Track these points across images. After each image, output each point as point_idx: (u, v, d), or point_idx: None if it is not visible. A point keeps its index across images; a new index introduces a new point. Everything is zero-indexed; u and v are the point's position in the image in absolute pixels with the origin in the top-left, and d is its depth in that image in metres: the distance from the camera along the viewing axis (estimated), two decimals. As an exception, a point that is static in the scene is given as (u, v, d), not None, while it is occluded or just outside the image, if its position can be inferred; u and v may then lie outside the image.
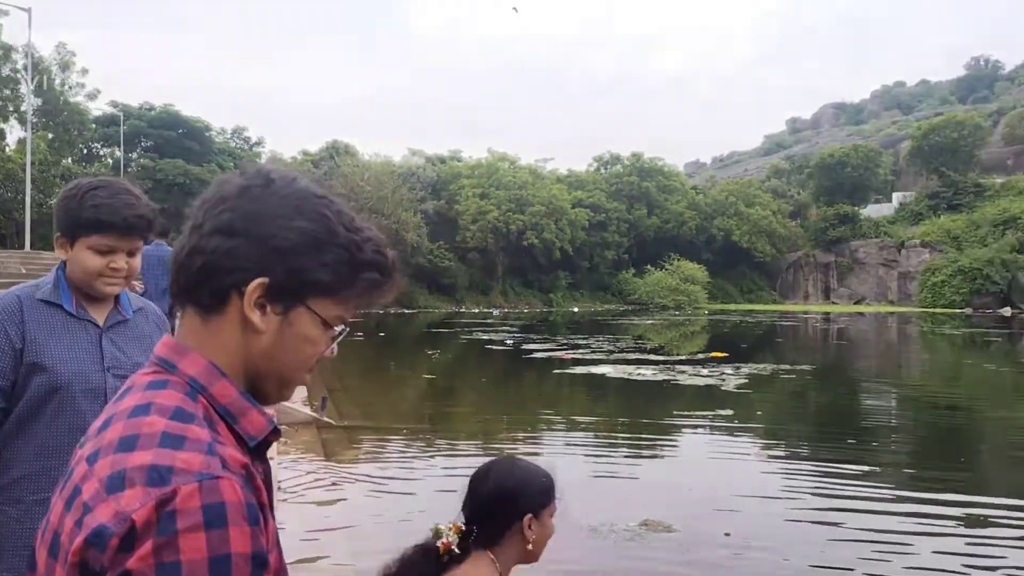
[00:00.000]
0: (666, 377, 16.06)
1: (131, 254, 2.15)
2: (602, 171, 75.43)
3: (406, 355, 23.08)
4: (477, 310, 54.83)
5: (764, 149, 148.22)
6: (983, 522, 6.65)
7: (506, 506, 1.95)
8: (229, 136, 64.94)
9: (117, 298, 2.23)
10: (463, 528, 1.94)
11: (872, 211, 74.88)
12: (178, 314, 1.05)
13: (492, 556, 1.93)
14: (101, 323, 2.18)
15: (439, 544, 1.89)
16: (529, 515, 1.96)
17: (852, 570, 5.42)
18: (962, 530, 6.43)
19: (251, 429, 0.99)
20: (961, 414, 13.71)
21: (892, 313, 55.85)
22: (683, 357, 20.97)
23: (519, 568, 2.03)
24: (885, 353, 27.60)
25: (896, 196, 77.36)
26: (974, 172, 72.73)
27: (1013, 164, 78.50)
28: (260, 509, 0.90)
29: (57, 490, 0.94)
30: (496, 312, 52.39)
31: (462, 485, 2.07)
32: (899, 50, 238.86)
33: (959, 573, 5.43)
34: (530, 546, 1.97)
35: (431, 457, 8.87)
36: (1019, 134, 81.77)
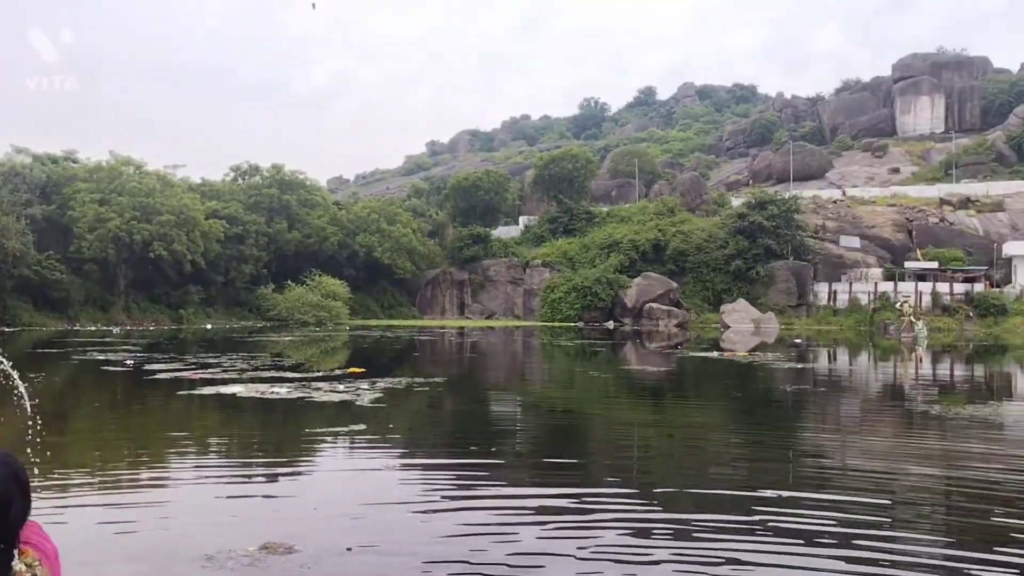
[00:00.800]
0: (301, 394, 15.71)
1: None
2: (240, 182, 72.50)
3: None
4: (94, 328, 49.48)
5: (406, 169, 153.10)
6: (589, 507, 7.32)
7: None
8: None
9: None
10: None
11: (502, 232, 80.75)
12: None
13: None
14: None
15: None
16: None
17: (465, 562, 5.62)
18: (569, 516, 7.00)
19: None
20: (573, 415, 15.15)
21: (518, 327, 60.62)
22: (321, 374, 20.72)
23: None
24: (511, 363, 29.75)
25: (522, 219, 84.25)
26: (586, 200, 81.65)
27: (616, 194, 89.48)
28: None
29: None
30: (117, 330, 47.74)
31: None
32: (526, 85, 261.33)
33: (563, 555, 5.86)
34: None
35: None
36: (620, 168, 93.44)
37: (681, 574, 5.67)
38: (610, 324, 61.30)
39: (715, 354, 30.76)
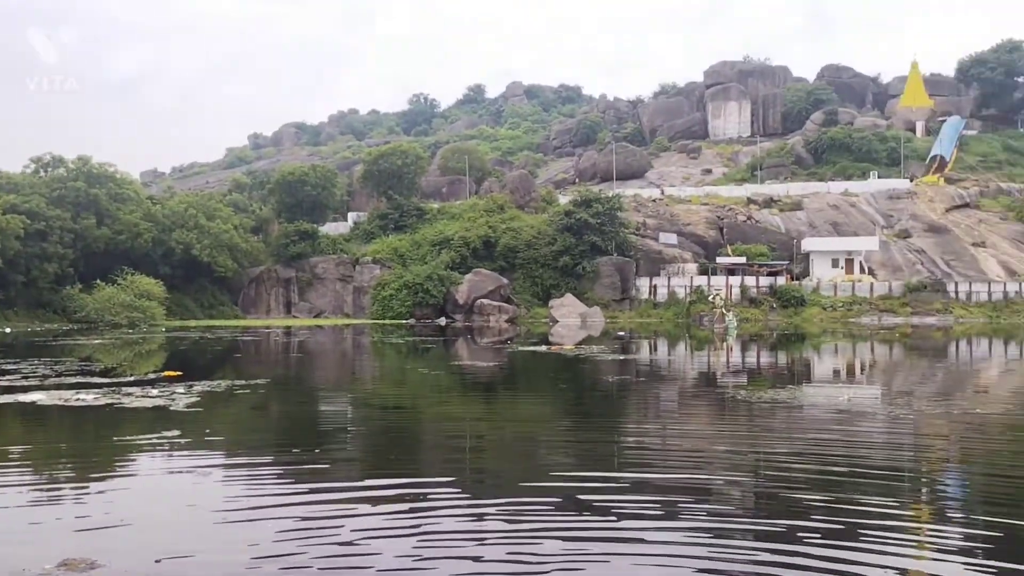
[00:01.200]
0: (110, 401, 14.65)
1: None
2: (42, 174, 67.00)
3: None
4: None
5: (226, 162, 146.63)
6: (420, 501, 7.23)
7: None
8: None
9: None
10: None
11: (330, 229, 79.04)
12: None
13: None
14: None
15: None
16: None
17: (286, 567, 5.40)
18: (398, 510, 6.88)
19: None
20: (404, 412, 15.00)
21: (348, 325, 59.50)
22: (133, 378, 19.43)
23: None
24: (341, 363, 29.14)
25: (351, 215, 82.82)
26: (416, 197, 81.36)
27: (447, 191, 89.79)
28: None
29: None
30: None
31: None
32: (354, 78, 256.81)
33: (389, 550, 5.75)
34: None
35: None
36: (451, 165, 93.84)
37: (511, 555, 5.70)
38: (442, 321, 61.47)
39: (544, 348, 31.46)
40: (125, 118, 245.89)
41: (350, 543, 6.06)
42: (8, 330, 50.59)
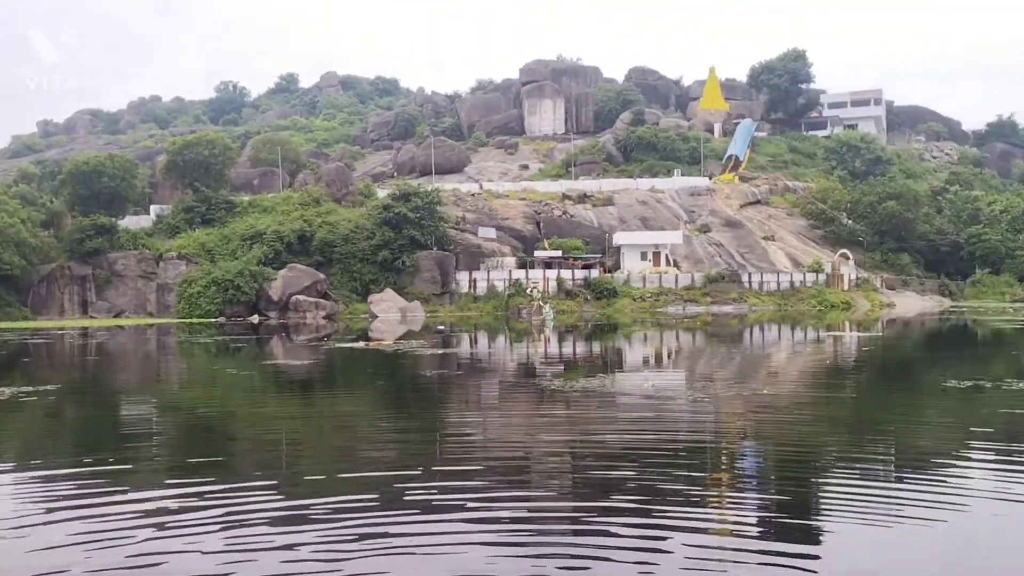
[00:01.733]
0: None
1: None
2: None
3: None
4: None
5: (12, 151, 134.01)
6: (231, 502, 6.90)
7: None
8: None
9: None
10: None
11: (131, 222, 73.97)
12: None
13: None
14: None
15: None
16: None
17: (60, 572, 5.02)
18: (208, 512, 6.54)
19: None
20: (215, 415, 14.30)
21: (152, 325, 56.04)
22: (-102, 387, 17.35)
23: None
24: (144, 365, 27.42)
25: (154, 208, 77.95)
26: (225, 189, 77.71)
27: (259, 184, 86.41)
28: None
29: None
30: None
31: None
32: (157, 65, 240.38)
33: (195, 552, 5.46)
34: None
35: None
36: (262, 156, 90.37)
37: (321, 554, 5.57)
38: (254, 318, 59.22)
39: (362, 344, 31.03)
40: None
41: (144, 554, 5.70)
42: None
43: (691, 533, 6.03)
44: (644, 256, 68.40)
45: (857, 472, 8.28)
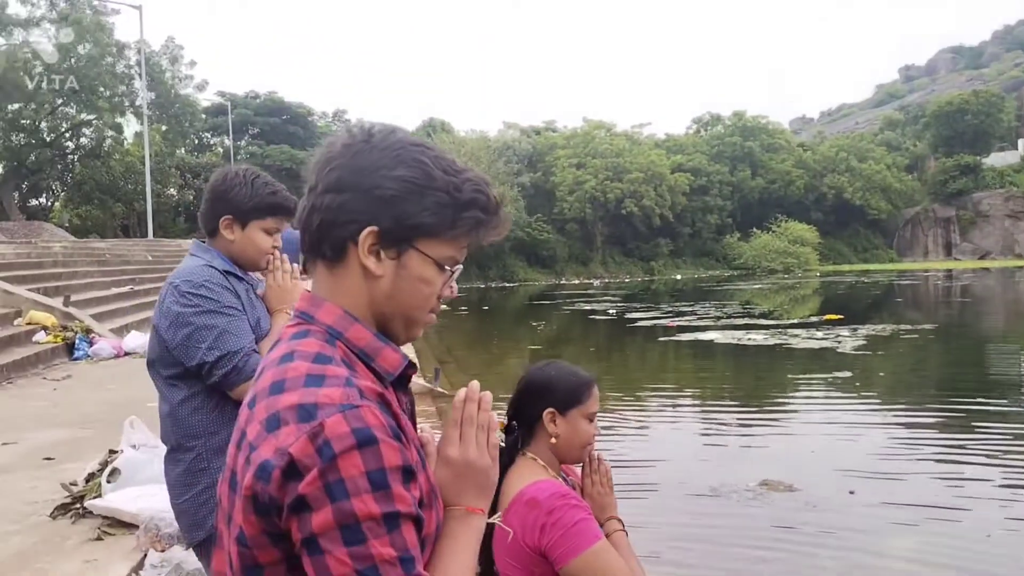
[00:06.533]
0: (778, 341, 15.56)
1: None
2: (702, 133, 73.59)
3: (510, 327, 23.17)
4: (577, 281, 54.58)
5: (876, 100, 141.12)
6: None
7: (532, 400, 1.99)
8: (330, 119, 66.34)
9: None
10: (504, 423, 1.96)
11: (996, 160, 70.45)
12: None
13: (531, 455, 1.98)
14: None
15: None
16: (551, 410, 1.99)
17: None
18: None
19: (387, 366, 1.10)
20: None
21: (1021, 268, 52.61)
22: (795, 321, 20.30)
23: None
24: (1013, 310, 26.03)
25: (1022, 143, 72.56)
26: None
27: None
28: (401, 430, 1.02)
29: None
30: (597, 283, 52.01)
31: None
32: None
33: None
34: (554, 440, 1.99)
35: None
36: None
37: None
38: None
39: None
40: (773, 68, 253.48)
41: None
42: (679, 277, 57.27)
43: None
44: None
45: None
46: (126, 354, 11.28)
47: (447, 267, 1.11)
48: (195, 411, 2.23)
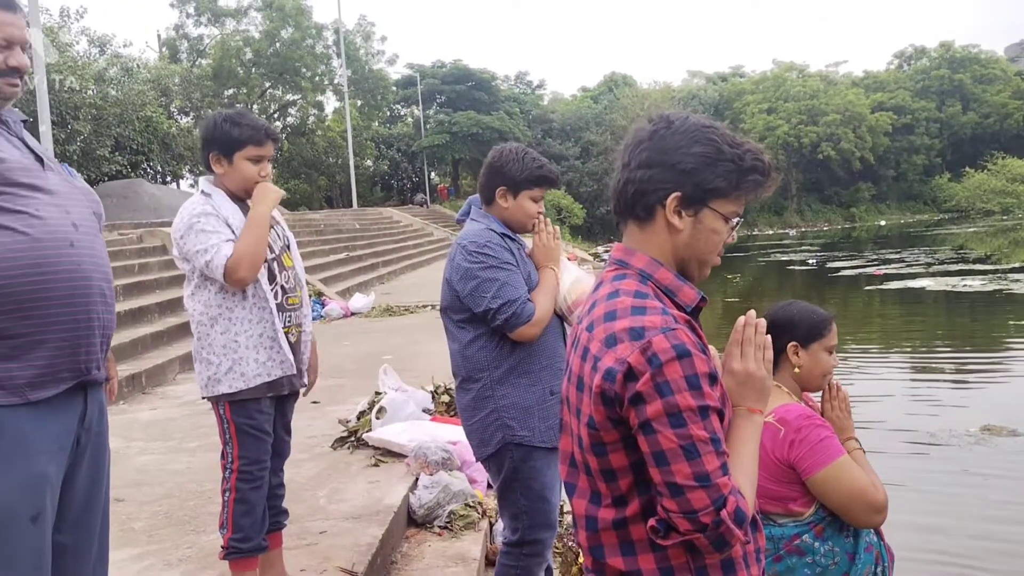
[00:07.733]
0: (997, 287, 14.65)
1: None
2: (904, 68, 68.41)
3: (703, 281, 23.01)
4: (771, 231, 52.79)
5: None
6: None
7: (776, 335, 2.04)
8: (513, 82, 67.17)
9: None
10: None
11: None
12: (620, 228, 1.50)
13: (776, 383, 2.13)
14: None
15: None
16: (794, 343, 2.22)
17: None
18: None
19: (686, 299, 1.43)
20: None
21: None
22: (1016, 265, 18.91)
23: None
24: None
25: None
26: None
27: None
28: (704, 346, 1.35)
29: (569, 352, 1.49)
30: (792, 232, 50.12)
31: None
32: None
33: None
34: (797, 370, 2.23)
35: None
36: None
37: None
38: None
39: None
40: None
41: None
42: (883, 223, 54.01)
43: None
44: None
45: None
46: (352, 314, 12.41)
47: (732, 220, 1.42)
48: (481, 349, 2.66)
